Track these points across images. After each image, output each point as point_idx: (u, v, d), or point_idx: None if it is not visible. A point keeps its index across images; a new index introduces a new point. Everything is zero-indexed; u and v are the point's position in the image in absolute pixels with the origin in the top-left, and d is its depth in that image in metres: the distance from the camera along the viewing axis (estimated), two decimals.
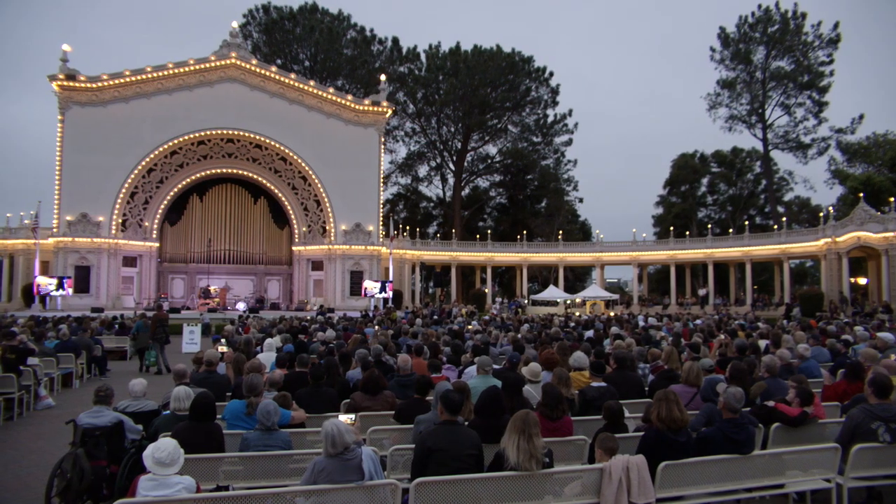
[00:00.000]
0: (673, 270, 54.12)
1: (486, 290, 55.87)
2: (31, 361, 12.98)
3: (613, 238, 59.26)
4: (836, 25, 56.42)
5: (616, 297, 55.95)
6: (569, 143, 69.93)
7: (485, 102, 65.27)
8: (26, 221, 42.70)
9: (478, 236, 60.74)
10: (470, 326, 20.64)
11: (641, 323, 23.24)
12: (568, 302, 50.22)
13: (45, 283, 37.43)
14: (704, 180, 72.25)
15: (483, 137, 70.26)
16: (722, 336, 15.14)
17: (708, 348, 12.48)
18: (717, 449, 5.66)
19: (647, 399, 7.80)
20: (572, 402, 7.29)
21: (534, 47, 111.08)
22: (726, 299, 52.57)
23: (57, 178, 39.97)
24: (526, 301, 53.14)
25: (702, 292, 54.13)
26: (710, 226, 61.19)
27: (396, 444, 6.32)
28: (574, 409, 7.21)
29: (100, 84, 40.49)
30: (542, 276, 65.64)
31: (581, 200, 75.05)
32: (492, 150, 72.36)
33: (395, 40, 67.19)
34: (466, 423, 5.77)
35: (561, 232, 60.03)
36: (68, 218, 39.76)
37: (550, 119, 68.81)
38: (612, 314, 37.24)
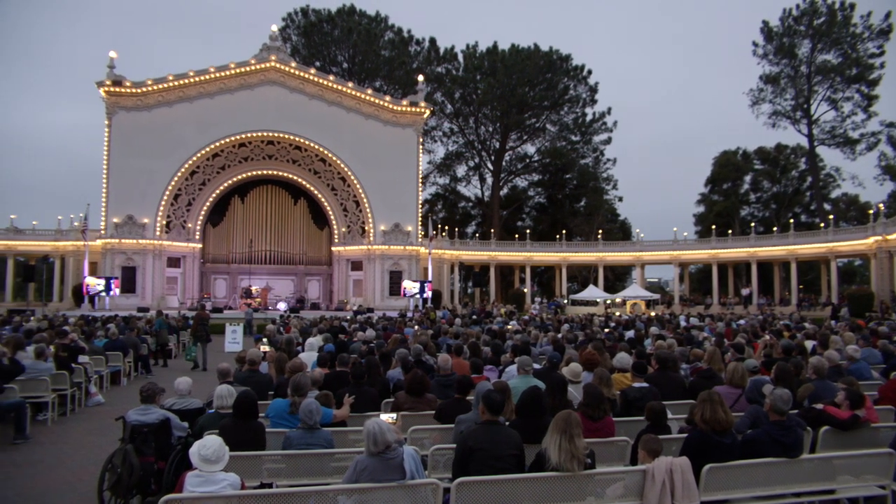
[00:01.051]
0: (715, 270, 53.14)
1: (525, 290, 55.61)
2: (81, 359, 13.39)
3: (654, 237, 58.37)
4: (887, 15, 54.68)
5: (657, 296, 55.18)
6: (608, 141, 69.33)
7: (523, 101, 64.91)
8: (76, 224, 44.01)
9: (516, 236, 60.54)
10: (509, 326, 20.55)
11: (683, 323, 22.90)
12: (608, 302, 49.69)
13: (94, 283, 38.54)
14: (747, 178, 70.72)
15: (521, 137, 69.97)
16: (767, 336, 14.78)
17: (752, 349, 12.20)
18: (764, 452, 5.52)
19: (690, 400, 7.67)
20: (614, 402, 7.22)
21: (570, 45, 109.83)
22: (770, 299, 51.38)
23: (104, 181, 41.00)
24: (565, 301, 52.76)
25: (745, 292, 52.98)
26: (753, 224, 59.91)
27: (437, 444, 6.33)
28: (616, 410, 7.13)
29: (144, 89, 41.46)
30: (582, 275, 65.05)
31: (621, 199, 74.09)
32: (530, 149, 72.20)
33: (433, 41, 67.38)
34: (507, 423, 5.75)
35: (600, 231, 59.41)
36: (115, 220, 40.81)
37: (589, 118, 68.18)
38: (652, 314, 36.76)
